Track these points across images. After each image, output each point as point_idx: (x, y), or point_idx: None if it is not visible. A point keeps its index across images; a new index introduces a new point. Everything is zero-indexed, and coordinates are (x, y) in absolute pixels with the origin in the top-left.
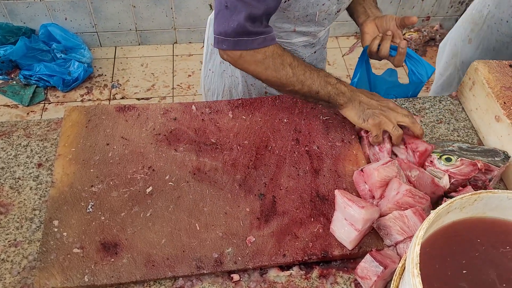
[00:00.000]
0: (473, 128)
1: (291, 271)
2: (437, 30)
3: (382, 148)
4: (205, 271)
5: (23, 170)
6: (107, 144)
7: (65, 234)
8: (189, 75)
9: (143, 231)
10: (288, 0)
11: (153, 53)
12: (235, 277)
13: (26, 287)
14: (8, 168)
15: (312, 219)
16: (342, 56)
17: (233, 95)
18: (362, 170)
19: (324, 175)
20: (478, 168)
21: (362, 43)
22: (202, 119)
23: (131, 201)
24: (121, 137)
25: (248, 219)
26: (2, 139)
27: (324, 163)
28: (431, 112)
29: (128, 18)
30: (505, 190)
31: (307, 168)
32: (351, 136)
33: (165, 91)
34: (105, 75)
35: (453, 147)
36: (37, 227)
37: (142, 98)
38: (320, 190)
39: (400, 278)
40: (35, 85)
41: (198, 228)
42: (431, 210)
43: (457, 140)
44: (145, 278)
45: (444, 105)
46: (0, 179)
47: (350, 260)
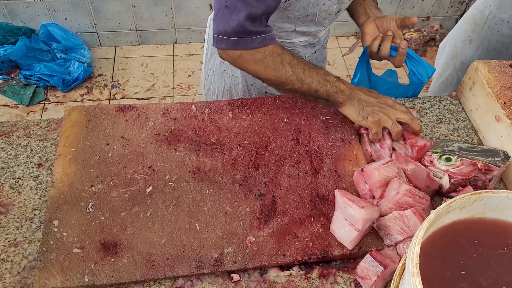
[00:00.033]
0: (473, 128)
1: (291, 271)
2: (437, 30)
3: (383, 145)
4: (205, 271)
5: (23, 170)
6: (107, 144)
7: (65, 234)
8: (189, 75)
9: (143, 231)
10: (289, 0)
11: (153, 53)
12: (235, 277)
13: (26, 287)
14: (8, 168)
15: (312, 219)
16: (342, 56)
17: (233, 94)
18: (362, 170)
19: (324, 175)
20: (478, 168)
21: (363, 44)
22: (202, 119)
23: (131, 201)
24: (121, 137)
25: (248, 219)
26: (2, 139)
27: (324, 163)
28: (431, 112)
29: (128, 18)
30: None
31: (307, 168)
32: (351, 136)
33: (165, 91)
34: (105, 75)
35: (453, 147)
36: (37, 227)
37: (142, 98)
38: (320, 190)
39: (400, 278)
40: (35, 85)
41: (198, 228)
42: (431, 210)
43: (457, 140)
44: (145, 278)
45: (444, 105)
46: (0, 179)
47: (350, 260)
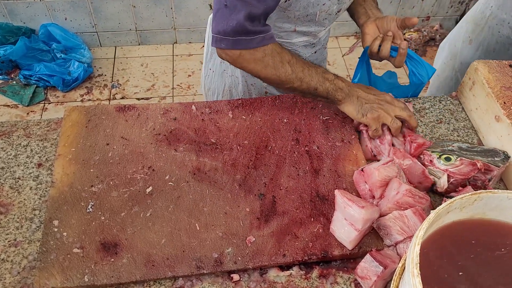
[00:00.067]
0: (473, 128)
1: (291, 271)
2: (437, 30)
3: (383, 140)
4: (205, 271)
5: (23, 170)
6: (107, 144)
7: (65, 234)
8: (189, 75)
9: (143, 231)
10: (289, 0)
11: (153, 53)
12: (235, 277)
13: (26, 287)
14: (8, 168)
15: (312, 219)
16: (342, 56)
17: (233, 94)
18: (362, 170)
19: (324, 175)
20: (478, 168)
21: (363, 44)
22: (202, 119)
23: (131, 201)
24: (121, 137)
25: (248, 219)
26: (2, 139)
27: (324, 163)
28: (431, 112)
29: (128, 18)
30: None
31: (307, 168)
32: (351, 136)
33: (165, 91)
34: (105, 75)
35: (453, 147)
36: (37, 227)
37: (142, 98)
38: (320, 190)
39: (400, 278)
40: (35, 85)
41: (198, 228)
42: (431, 210)
43: (457, 140)
44: (145, 278)
45: (444, 105)
46: (0, 179)
47: (350, 260)
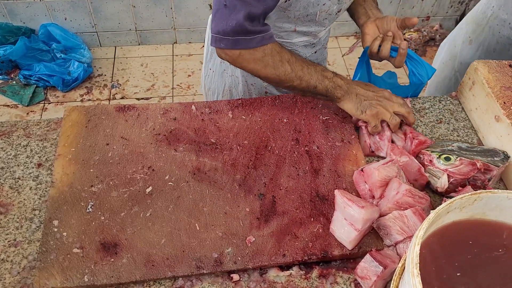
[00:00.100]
0: (473, 128)
1: (291, 271)
2: (437, 30)
3: (382, 136)
4: (205, 271)
5: (23, 170)
6: (107, 144)
7: (65, 234)
8: (189, 75)
9: (143, 231)
10: (289, 0)
11: (153, 53)
12: (235, 277)
13: (26, 287)
14: (8, 168)
15: (312, 219)
16: (342, 56)
17: (233, 94)
18: (362, 170)
19: (324, 175)
20: (477, 168)
21: (363, 44)
22: (202, 119)
23: (131, 201)
24: (121, 137)
25: (248, 219)
26: (2, 139)
27: (324, 163)
28: (431, 112)
29: (128, 18)
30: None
31: (307, 168)
32: (351, 136)
33: (165, 91)
34: (105, 75)
35: (453, 146)
36: (37, 227)
37: (142, 98)
38: (320, 190)
39: (400, 278)
40: (35, 85)
41: (198, 228)
42: (431, 210)
43: (457, 140)
44: (145, 278)
45: (444, 105)
46: (0, 179)
47: (350, 260)
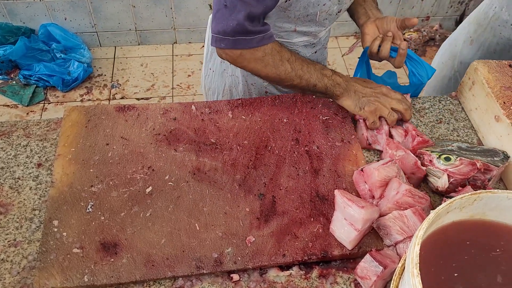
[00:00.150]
0: (473, 128)
1: (290, 271)
2: (436, 30)
3: (380, 130)
4: (204, 271)
5: (22, 170)
6: (107, 144)
7: (64, 234)
8: (189, 75)
9: (143, 231)
10: (289, 0)
11: (153, 53)
12: (235, 277)
13: (25, 287)
14: (7, 168)
15: (312, 219)
16: (342, 56)
17: (233, 94)
18: (362, 170)
19: (324, 175)
20: (477, 168)
21: (363, 44)
22: (202, 119)
23: (130, 201)
24: (121, 137)
25: (247, 219)
26: (1, 139)
27: (324, 163)
28: (431, 112)
29: (127, 18)
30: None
31: (307, 168)
32: (351, 136)
33: (164, 91)
34: (105, 75)
35: (453, 146)
36: (37, 227)
37: (142, 98)
38: (320, 190)
39: (400, 278)
40: (35, 85)
41: (197, 228)
42: (431, 210)
43: (457, 140)
44: (145, 278)
45: (444, 105)
46: (0, 179)
47: (350, 260)
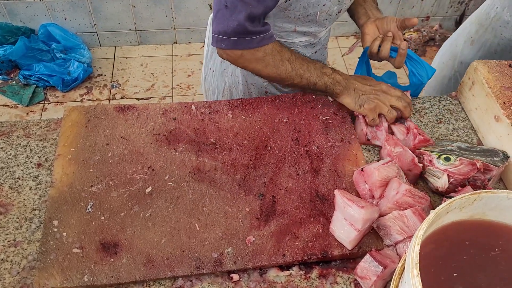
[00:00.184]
0: (473, 128)
1: (290, 271)
2: (436, 30)
3: (380, 127)
4: (204, 271)
5: (22, 170)
6: (107, 144)
7: (64, 234)
8: (189, 75)
9: (143, 231)
10: (289, 0)
11: (153, 53)
12: (235, 277)
13: (25, 287)
14: (7, 168)
15: (312, 219)
16: (342, 56)
17: (233, 94)
18: (362, 170)
19: (323, 175)
20: (477, 168)
21: (363, 44)
22: (202, 119)
23: (130, 201)
24: (121, 137)
25: (247, 219)
26: (1, 139)
27: (323, 163)
28: (431, 112)
29: (127, 18)
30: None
31: (306, 168)
32: (350, 136)
33: (164, 91)
34: (105, 75)
35: (452, 146)
36: (37, 227)
37: (142, 98)
38: (319, 190)
39: (400, 278)
40: (35, 85)
41: (197, 228)
42: (431, 210)
43: (457, 140)
44: (145, 278)
45: (444, 105)
46: (0, 179)
47: (350, 260)
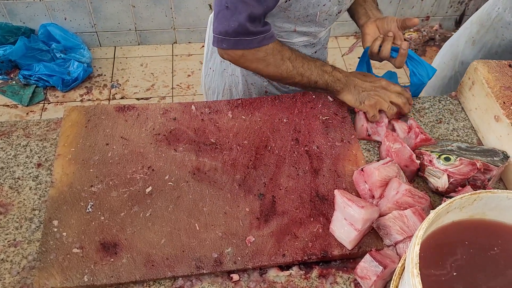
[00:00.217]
0: (473, 128)
1: (290, 271)
2: (436, 30)
3: (380, 123)
4: (204, 271)
5: (22, 170)
6: (107, 144)
7: (64, 234)
8: (189, 75)
9: (143, 231)
10: (289, 0)
11: (153, 53)
12: (235, 277)
13: (25, 287)
14: (7, 168)
15: (312, 219)
16: (342, 56)
17: (233, 94)
18: (362, 170)
19: (323, 175)
20: (477, 168)
21: (363, 44)
22: (202, 119)
23: (130, 201)
24: (121, 137)
25: (247, 219)
26: (1, 139)
27: (323, 163)
28: (431, 112)
29: (127, 18)
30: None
31: (306, 168)
32: (350, 136)
33: (164, 91)
34: (105, 75)
35: (452, 146)
36: (37, 227)
37: (142, 98)
38: (319, 190)
39: (400, 278)
40: (35, 85)
41: (197, 228)
42: (431, 210)
43: (457, 140)
44: (145, 278)
45: (444, 105)
46: (0, 179)
47: (350, 260)
